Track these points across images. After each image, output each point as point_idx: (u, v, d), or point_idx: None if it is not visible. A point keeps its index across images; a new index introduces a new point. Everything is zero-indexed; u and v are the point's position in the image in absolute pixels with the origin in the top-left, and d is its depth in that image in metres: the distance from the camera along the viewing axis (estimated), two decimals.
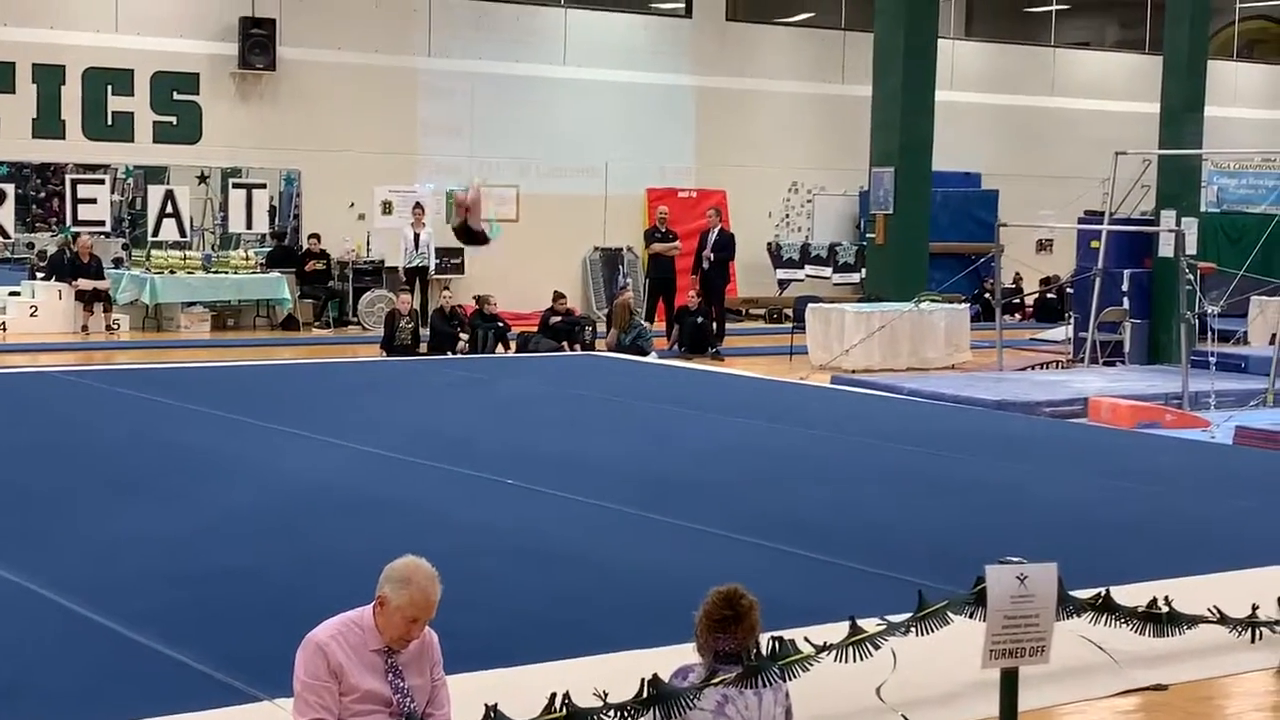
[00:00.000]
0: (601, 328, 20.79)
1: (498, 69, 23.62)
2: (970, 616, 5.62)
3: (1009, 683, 5.43)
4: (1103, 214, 20.05)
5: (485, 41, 23.60)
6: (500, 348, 19.15)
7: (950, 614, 5.73)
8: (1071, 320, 20.10)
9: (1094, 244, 19.18)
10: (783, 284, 25.54)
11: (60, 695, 5.71)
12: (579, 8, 24.51)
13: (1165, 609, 6.45)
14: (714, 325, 20.52)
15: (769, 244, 25.77)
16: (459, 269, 22.82)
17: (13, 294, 20.34)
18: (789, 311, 22.93)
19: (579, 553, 8.27)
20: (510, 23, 23.88)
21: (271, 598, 7.10)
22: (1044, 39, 29.81)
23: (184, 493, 9.44)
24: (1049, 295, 25.57)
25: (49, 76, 20.70)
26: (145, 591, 7.15)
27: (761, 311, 25.49)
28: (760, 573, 7.00)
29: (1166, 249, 18.43)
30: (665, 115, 25.00)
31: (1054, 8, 29.90)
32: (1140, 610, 6.41)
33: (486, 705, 4.61)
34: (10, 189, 20.56)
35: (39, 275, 20.67)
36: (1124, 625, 6.36)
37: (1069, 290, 22.05)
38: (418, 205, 22.00)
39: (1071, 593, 6.01)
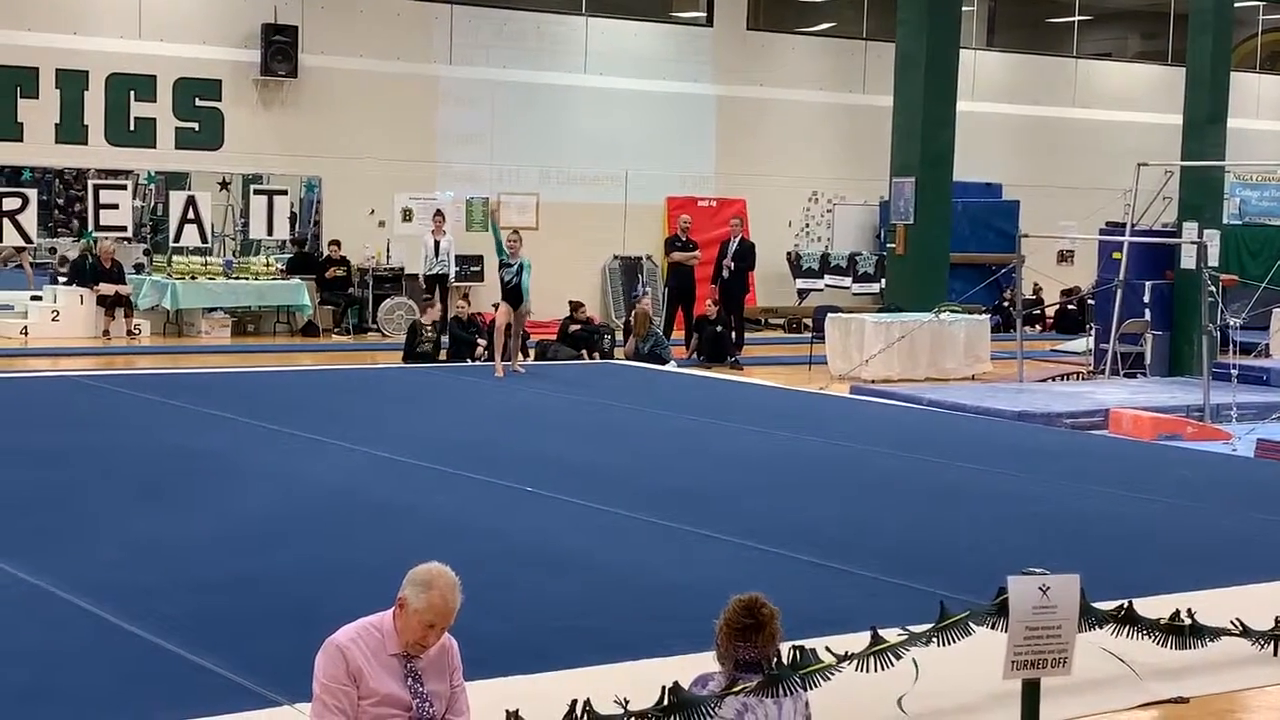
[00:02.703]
0: (620, 336, 20.79)
1: (519, 77, 23.67)
2: (992, 627, 5.60)
3: (1030, 694, 5.41)
4: (1124, 225, 19.99)
5: (506, 49, 23.64)
6: (519, 356, 19.13)
7: (972, 624, 5.70)
8: (1092, 332, 20.04)
9: (1115, 255, 19.12)
10: (802, 294, 25.52)
11: (84, 699, 5.72)
12: (600, 16, 24.54)
13: (1187, 621, 6.43)
14: (733, 334, 20.50)
15: (788, 253, 25.76)
16: (478, 277, 22.85)
17: (35, 298, 20.42)
18: (808, 321, 22.88)
19: (598, 560, 8.27)
20: (531, 31, 23.92)
21: (291, 603, 7.11)
22: (1066, 50, 29.76)
23: (205, 498, 9.46)
24: (1070, 306, 25.51)
25: (72, 82, 20.79)
26: (166, 596, 7.16)
27: (780, 321, 25.46)
28: (780, 582, 6.99)
29: (1188, 261, 18.37)
30: (686, 124, 25.01)
31: (1076, 19, 29.84)
32: (1162, 622, 6.38)
33: (508, 712, 4.60)
34: (33, 194, 20.63)
35: (61, 280, 20.75)
36: (1146, 637, 6.33)
37: (1090, 301, 21.98)
38: (438, 213, 22.03)
39: (1093, 604, 5.98)
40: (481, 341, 18.58)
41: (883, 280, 23.65)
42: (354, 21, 22.48)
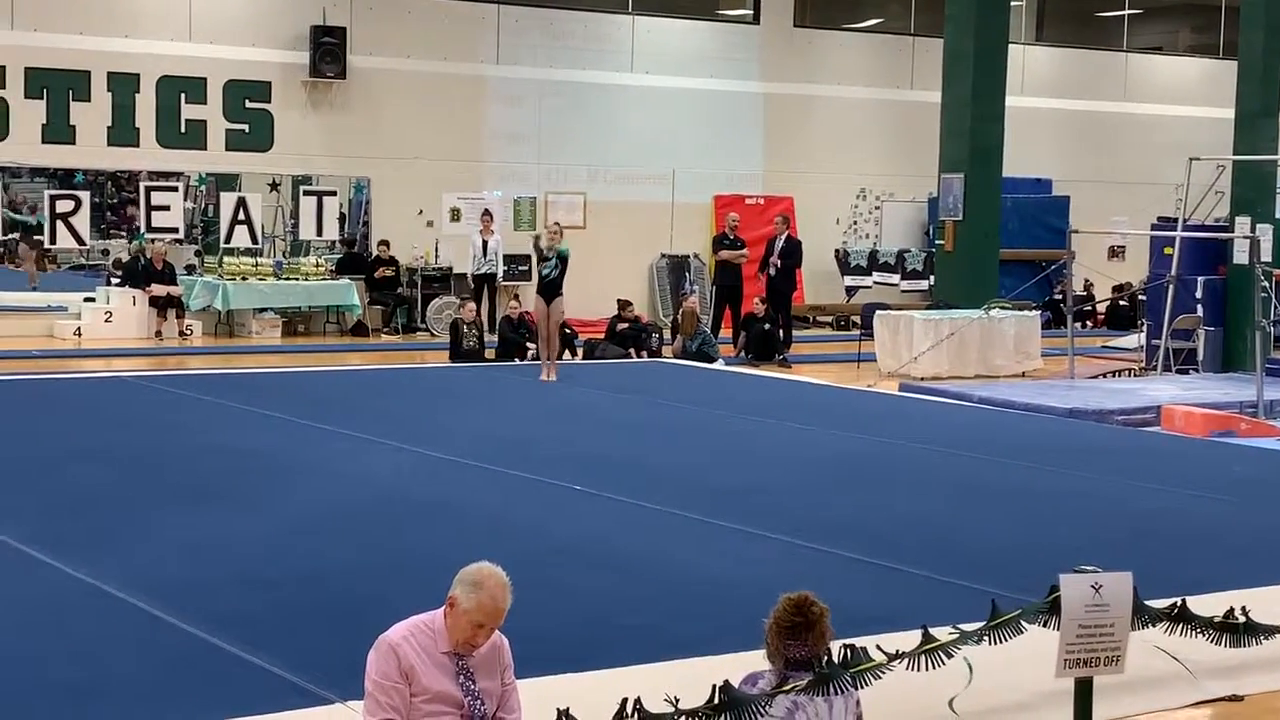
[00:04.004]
0: (668, 334, 20.79)
1: (566, 76, 23.70)
2: (1044, 626, 5.56)
3: (1083, 692, 5.38)
4: (1176, 220, 19.83)
5: (553, 49, 23.68)
6: (567, 354, 19.18)
7: (1024, 623, 5.67)
8: (1144, 328, 19.89)
9: (1167, 250, 18.98)
10: (850, 291, 25.44)
11: (136, 695, 5.77)
12: (647, 15, 24.54)
13: (1241, 619, 6.37)
14: (781, 332, 20.46)
15: (836, 251, 25.68)
16: (526, 276, 22.90)
17: (88, 300, 20.61)
18: (856, 319, 22.81)
19: (647, 559, 8.27)
20: (578, 30, 23.94)
21: (343, 600, 7.15)
22: (1116, 44, 29.53)
23: (256, 497, 9.52)
24: (1121, 302, 25.32)
25: (124, 85, 20.97)
26: (218, 594, 7.22)
27: (829, 319, 25.40)
28: (830, 580, 6.98)
29: (1241, 256, 18.20)
30: (733, 122, 24.97)
31: (1126, 12, 29.62)
32: (1216, 620, 6.33)
33: (559, 710, 4.61)
34: (86, 196, 20.82)
35: (114, 281, 20.93)
36: (1199, 635, 6.28)
37: (1142, 297, 21.82)
38: (486, 213, 22.09)
39: (1146, 602, 5.94)
40: (531, 346, 18.64)
41: (931, 277, 23.53)
42: (402, 22, 22.57)
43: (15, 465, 10.54)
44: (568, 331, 19.43)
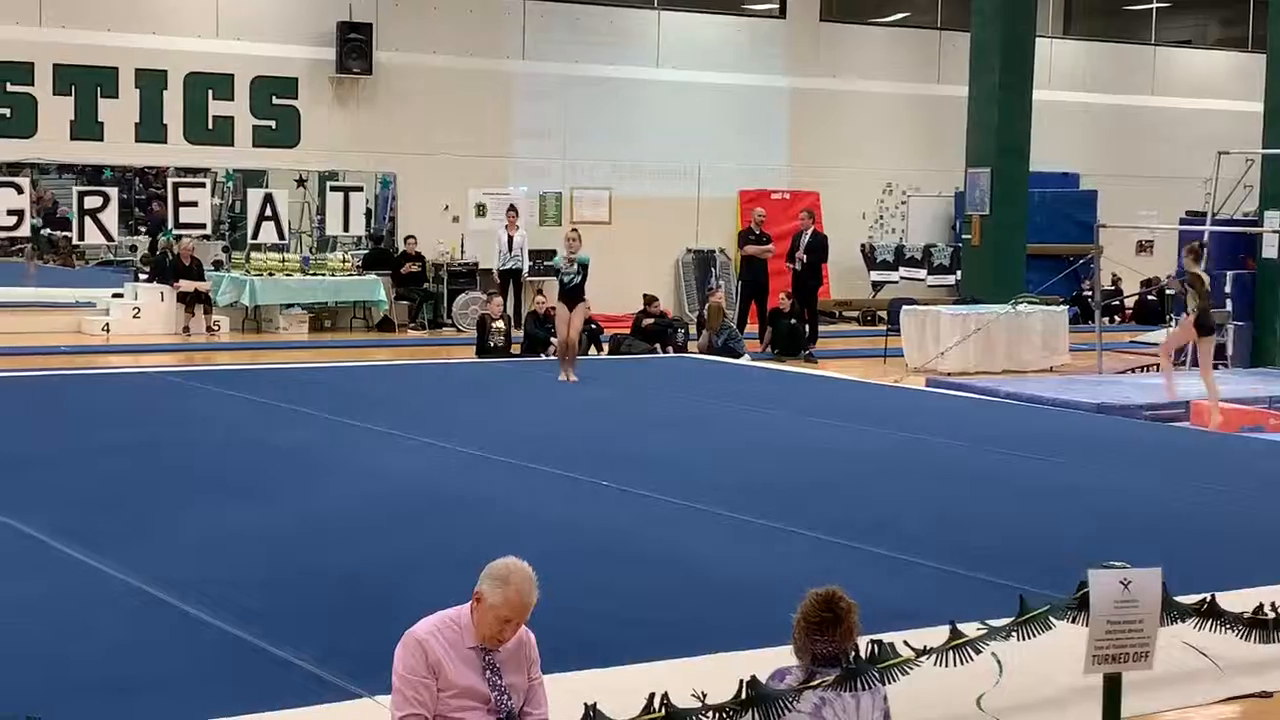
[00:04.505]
0: (694, 330, 20.78)
1: (591, 71, 23.70)
2: (1072, 621, 5.54)
3: (1112, 688, 5.36)
4: (1205, 215, 19.73)
5: (578, 44, 23.68)
6: (593, 350, 19.20)
7: (1052, 619, 5.65)
8: (1173, 322, 19.79)
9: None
10: (877, 286, 25.39)
11: (166, 690, 5.80)
12: (672, 9, 24.52)
13: (1271, 615, 6.33)
14: (807, 328, 20.43)
15: (863, 246, 25.63)
16: (552, 271, 22.89)
17: (116, 295, 20.69)
18: (883, 314, 22.79)
19: (673, 554, 8.27)
20: (603, 25, 23.94)
21: (370, 595, 7.17)
22: (1144, 37, 29.40)
23: (284, 491, 9.55)
24: (1149, 297, 25.21)
25: (152, 81, 21.06)
26: (247, 589, 7.25)
27: (855, 314, 25.35)
28: (857, 575, 6.97)
29: (1270, 250, 18.12)
30: (758, 117, 24.94)
31: (1154, 5, 29.48)
32: (1246, 616, 6.29)
33: (586, 705, 4.61)
34: (114, 192, 20.90)
35: (142, 277, 21.03)
36: (1229, 631, 6.25)
37: (1170, 292, 21.72)
38: (511, 208, 22.11)
39: (1176, 598, 5.91)
40: (554, 340, 18.64)
41: (958, 272, 23.48)
42: (428, 18, 22.60)
43: (45, 460, 10.60)
44: (593, 327, 19.44)
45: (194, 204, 21.18)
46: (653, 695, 4.74)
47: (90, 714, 5.54)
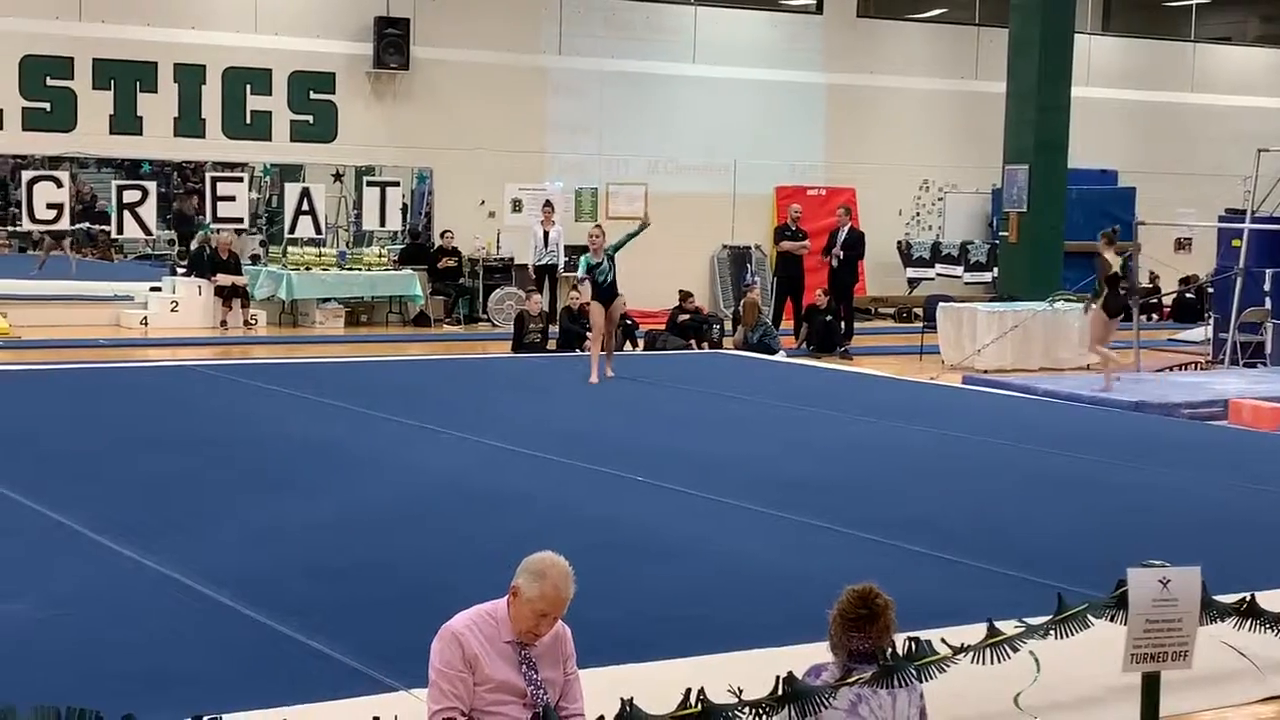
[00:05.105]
0: (729, 326, 20.75)
1: (627, 67, 23.69)
2: (1111, 620, 5.52)
3: (1150, 687, 5.33)
4: (1244, 212, 19.59)
5: (615, 40, 23.68)
6: (628, 346, 19.20)
7: (1091, 617, 5.62)
8: (1211, 321, 19.68)
9: (1235, 243, 18.77)
10: (913, 283, 25.30)
11: (204, 683, 5.83)
12: (709, 5, 24.49)
13: None
14: (843, 324, 20.39)
15: (899, 242, 25.54)
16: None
17: (154, 289, 20.81)
18: (919, 311, 22.71)
19: (709, 549, 8.27)
20: (640, 21, 23.93)
21: (407, 589, 7.19)
22: (1184, 33, 29.20)
23: (321, 485, 9.59)
24: (1188, 295, 25.05)
25: (190, 76, 21.16)
26: (285, 582, 7.28)
27: (891, 310, 25.28)
28: (893, 572, 6.94)
29: None
30: (795, 113, 24.89)
31: (1193, 1, 29.27)
32: None
33: (622, 700, 4.61)
34: (153, 186, 21.01)
35: (180, 271, 21.13)
36: (1268, 631, 6.21)
37: (1209, 290, 21.58)
38: (547, 203, 22.13)
39: (1215, 597, 5.87)
40: (590, 335, 18.63)
41: (995, 269, 23.38)
42: (465, 13, 22.64)
43: (84, 454, 10.67)
44: (629, 323, 19.44)
45: (232, 198, 21.26)
46: (689, 690, 4.74)
47: (130, 704, 5.54)
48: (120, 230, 21.06)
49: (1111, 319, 15.93)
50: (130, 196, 20.64)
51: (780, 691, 4.71)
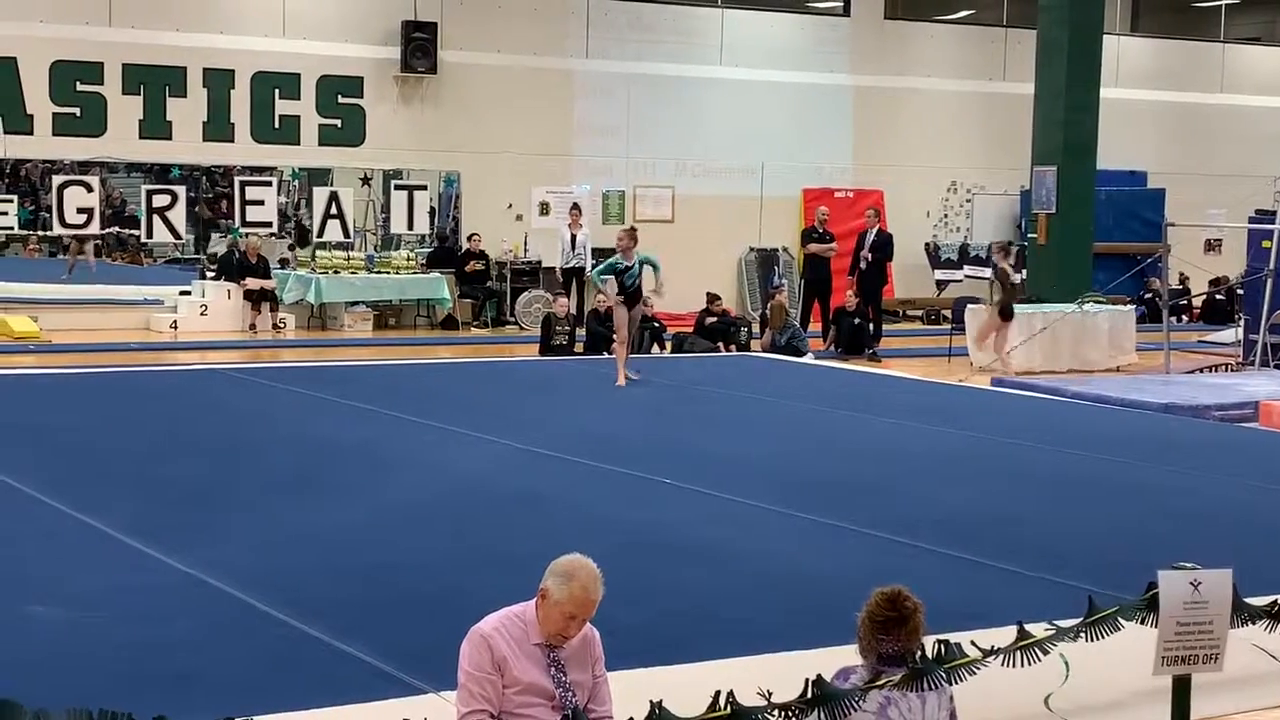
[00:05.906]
0: (756, 328, 20.73)
1: (654, 70, 23.70)
2: (1141, 623, 5.49)
3: (1181, 690, 5.30)
4: (1274, 213, 19.49)
5: (642, 42, 23.69)
6: (655, 348, 19.20)
7: (1121, 620, 5.59)
8: (1242, 322, 19.56)
9: (1265, 244, 18.64)
10: (941, 285, 25.25)
11: (232, 684, 5.84)
12: (736, 8, 24.48)
13: None
14: (871, 326, 20.35)
15: (927, 244, 25.49)
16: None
17: (184, 293, 20.90)
18: (947, 312, 22.65)
19: (737, 552, 8.26)
20: (667, 23, 23.94)
21: (436, 591, 7.20)
22: (1213, 34, 29.06)
23: (349, 488, 9.61)
24: (1218, 296, 24.93)
25: (219, 81, 21.25)
26: (313, 584, 7.30)
27: (919, 313, 25.22)
28: (923, 575, 6.93)
29: None
30: (822, 115, 24.86)
31: (1223, 2, 29.14)
32: None
33: (651, 702, 4.60)
34: (182, 191, 21.11)
35: (209, 275, 21.23)
36: None
37: (1239, 291, 21.47)
38: (574, 206, 22.15)
39: (1246, 600, 5.84)
40: (615, 338, 18.59)
41: (1024, 271, 23.29)
42: (492, 17, 22.68)
43: (114, 456, 10.72)
44: (656, 324, 19.44)
45: (261, 202, 21.34)
46: (718, 693, 4.73)
47: (157, 704, 5.55)
48: (150, 234, 21.17)
49: (1005, 322, 17.52)
50: (160, 201, 20.74)
51: (809, 694, 4.70)
